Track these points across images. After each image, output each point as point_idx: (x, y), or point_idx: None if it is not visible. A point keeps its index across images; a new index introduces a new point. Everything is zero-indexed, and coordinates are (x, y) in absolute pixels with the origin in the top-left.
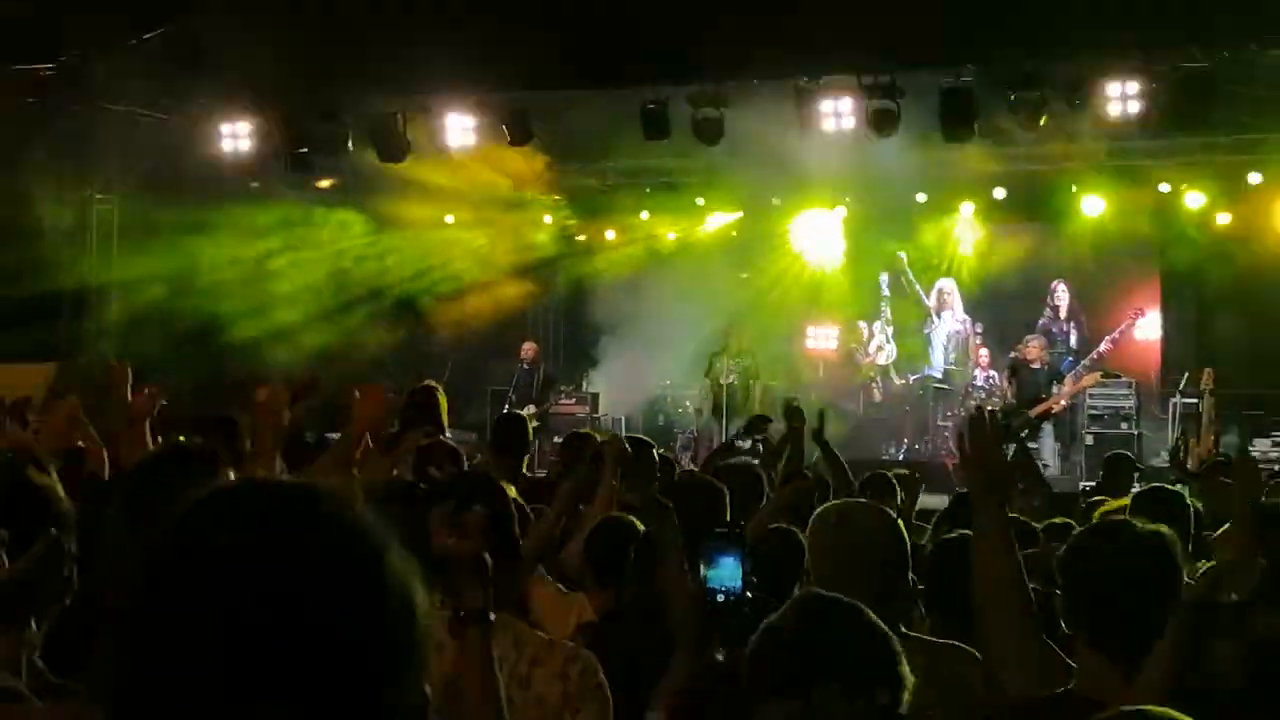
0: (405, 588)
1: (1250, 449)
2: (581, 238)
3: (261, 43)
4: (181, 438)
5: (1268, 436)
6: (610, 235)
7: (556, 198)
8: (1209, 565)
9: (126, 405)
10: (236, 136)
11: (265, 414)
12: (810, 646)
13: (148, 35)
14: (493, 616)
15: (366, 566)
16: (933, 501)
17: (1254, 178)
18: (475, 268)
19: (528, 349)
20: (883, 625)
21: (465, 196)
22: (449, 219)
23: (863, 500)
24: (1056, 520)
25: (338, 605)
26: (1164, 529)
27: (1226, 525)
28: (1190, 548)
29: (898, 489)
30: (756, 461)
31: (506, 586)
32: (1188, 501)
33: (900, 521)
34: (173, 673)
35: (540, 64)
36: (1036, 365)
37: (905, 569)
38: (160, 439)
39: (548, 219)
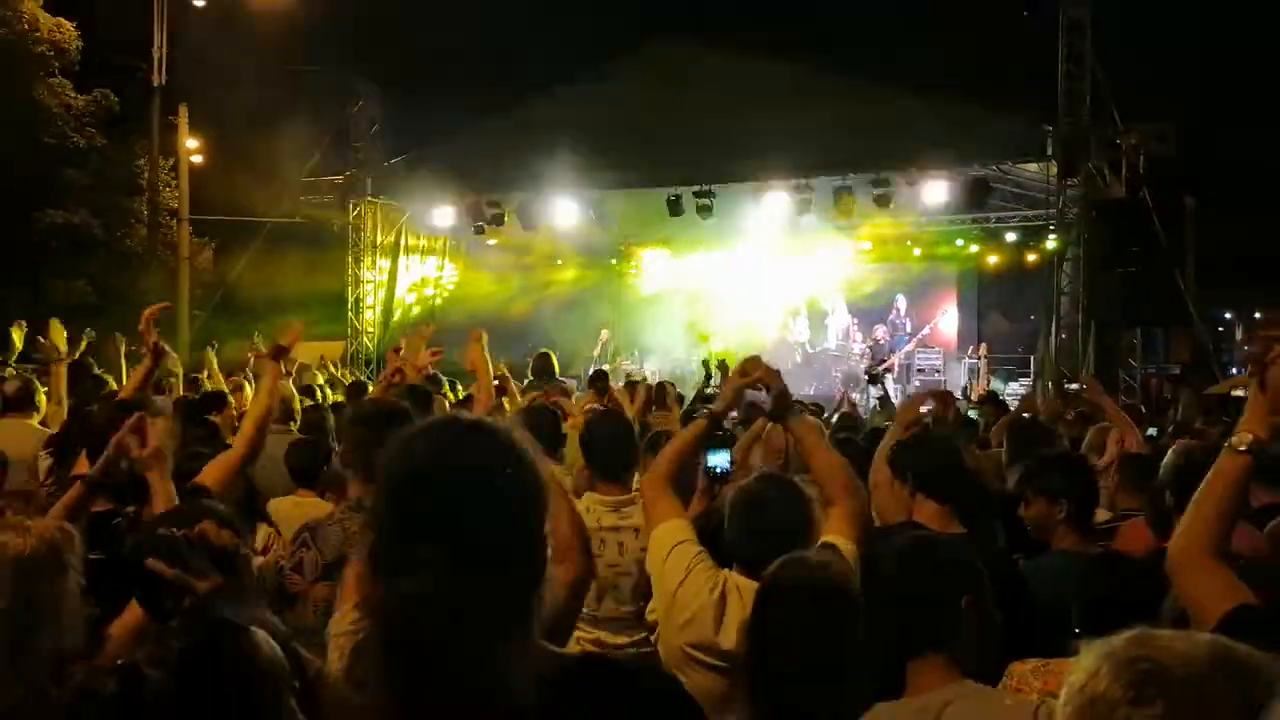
0: (534, 474)
1: (1006, 389)
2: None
3: (456, 164)
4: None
5: (1015, 381)
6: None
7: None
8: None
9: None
10: (445, 219)
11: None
12: (761, 500)
13: (394, 160)
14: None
15: (523, 460)
16: None
17: (1010, 236)
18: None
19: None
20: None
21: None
22: (558, 261)
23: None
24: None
25: (502, 483)
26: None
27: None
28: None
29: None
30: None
31: None
32: (975, 417)
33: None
34: (411, 529)
35: (610, 174)
36: (883, 342)
37: None
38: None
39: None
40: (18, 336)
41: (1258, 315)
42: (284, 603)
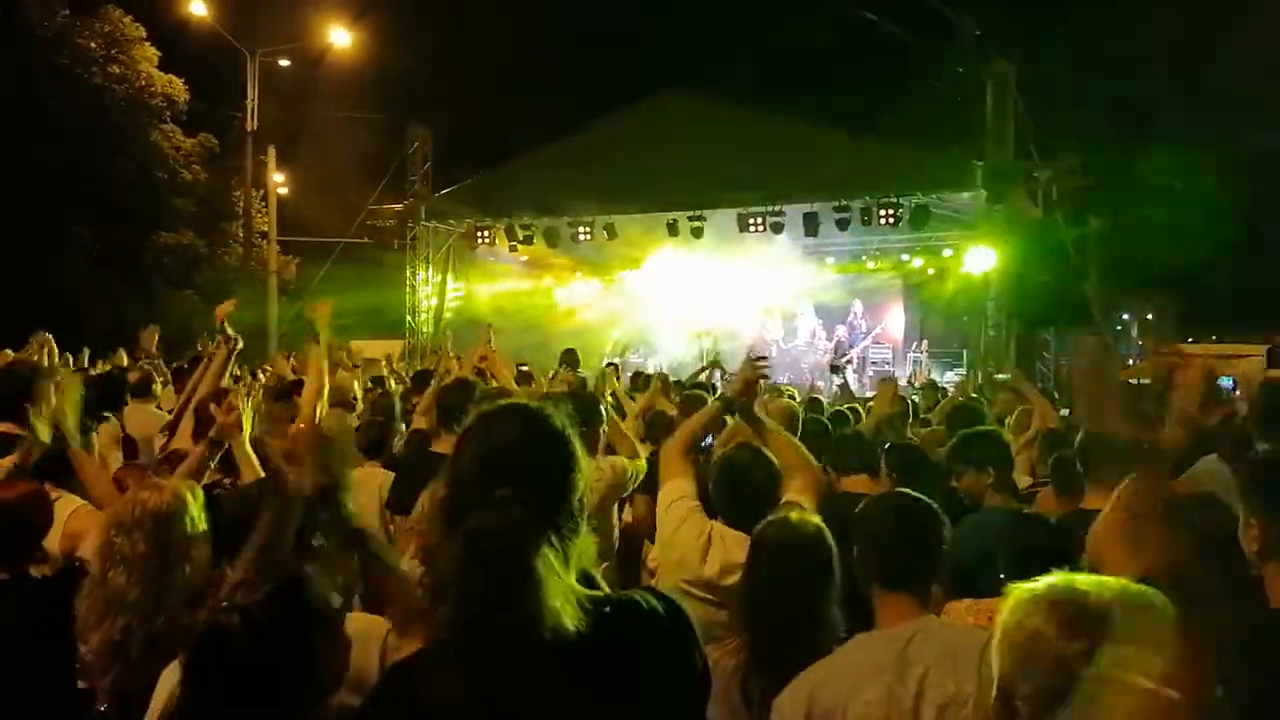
0: (576, 449)
1: (943, 378)
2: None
3: (495, 195)
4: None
5: (951, 370)
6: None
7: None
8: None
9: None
10: (485, 239)
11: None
12: (741, 465)
13: (443, 191)
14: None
15: (566, 436)
16: None
17: (946, 252)
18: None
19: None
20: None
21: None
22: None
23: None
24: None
25: (554, 450)
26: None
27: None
28: (910, 420)
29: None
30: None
31: None
32: (914, 400)
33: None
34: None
35: (620, 202)
36: (844, 340)
37: None
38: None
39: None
40: (146, 339)
41: (1149, 316)
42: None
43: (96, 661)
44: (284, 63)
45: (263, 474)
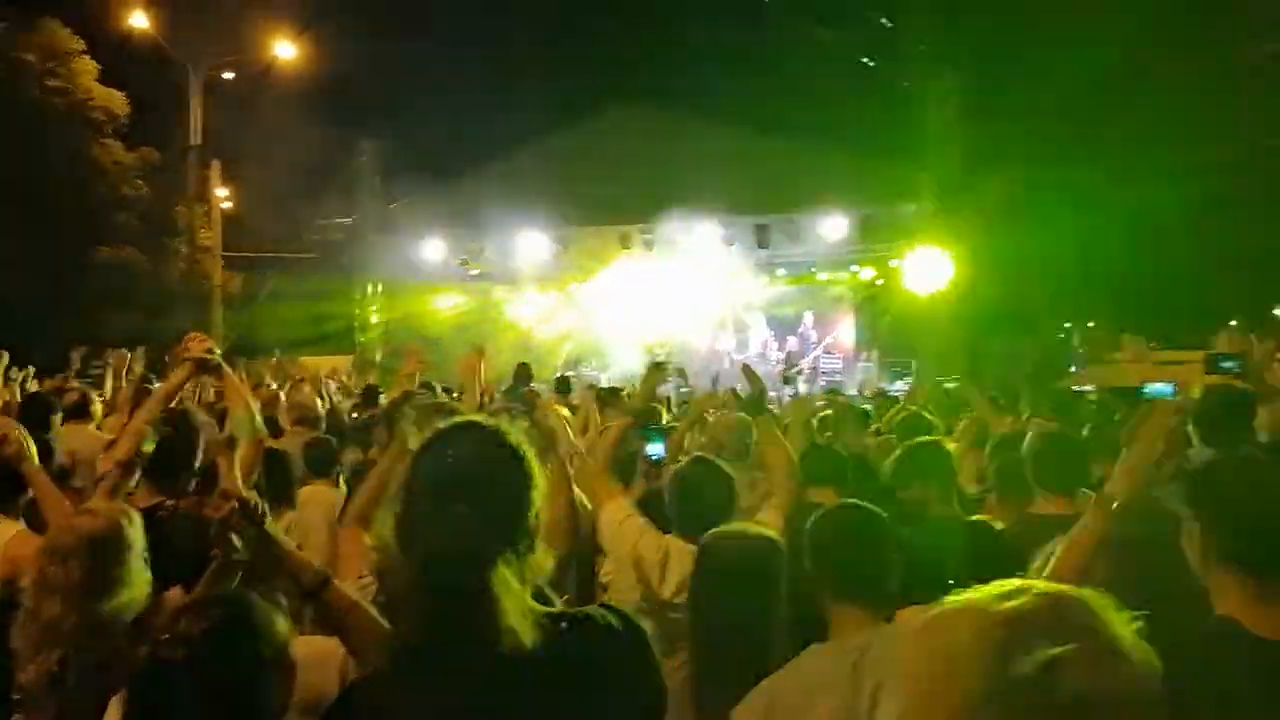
0: (531, 466)
1: (891, 386)
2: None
3: (444, 208)
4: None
5: (901, 379)
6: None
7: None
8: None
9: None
10: (435, 253)
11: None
12: (695, 479)
13: (393, 204)
14: None
15: (520, 452)
16: None
17: (894, 263)
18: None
19: None
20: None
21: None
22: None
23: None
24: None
25: (510, 467)
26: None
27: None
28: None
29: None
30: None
31: None
32: (867, 410)
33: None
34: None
35: (571, 213)
36: (795, 350)
37: None
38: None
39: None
40: (76, 357)
41: (1090, 324)
42: None
43: (35, 694)
44: (227, 75)
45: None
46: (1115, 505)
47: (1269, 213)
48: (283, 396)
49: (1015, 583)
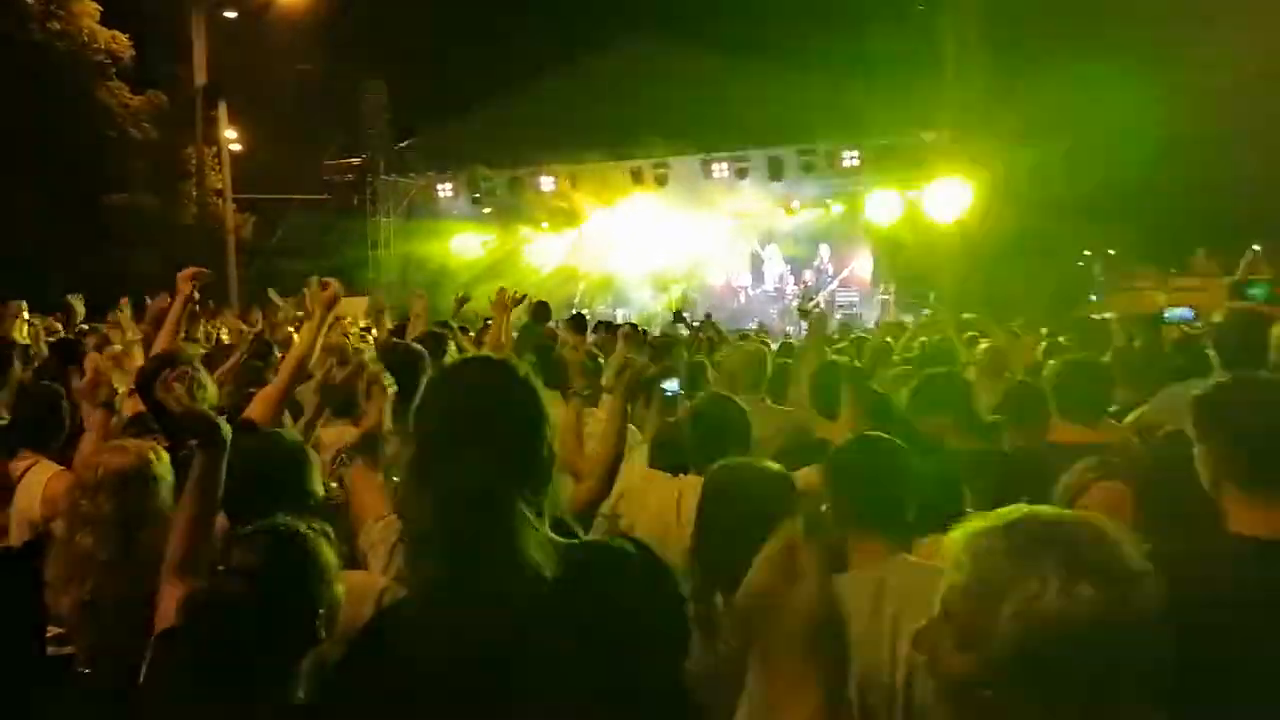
0: (539, 399)
1: (908, 318)
2: None
3: (454, 146)
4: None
5: (920, 312)
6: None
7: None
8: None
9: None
10: (446, 192)
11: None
12: (712, 413)
13: (402, 144)
14: None
15: (529, 386)
16: None
17: (911, 193)
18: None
19: None
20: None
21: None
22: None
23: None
24: None
25: (520, 402)
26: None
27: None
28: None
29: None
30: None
31: None
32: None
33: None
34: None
35: (582, 151)
36: (811, 284)
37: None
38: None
39: None
40: (78, 304)
41: (1110, 252)
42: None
43: (71, 625)
44: (229, 14)
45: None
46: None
47: None
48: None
49: (1023, 508)
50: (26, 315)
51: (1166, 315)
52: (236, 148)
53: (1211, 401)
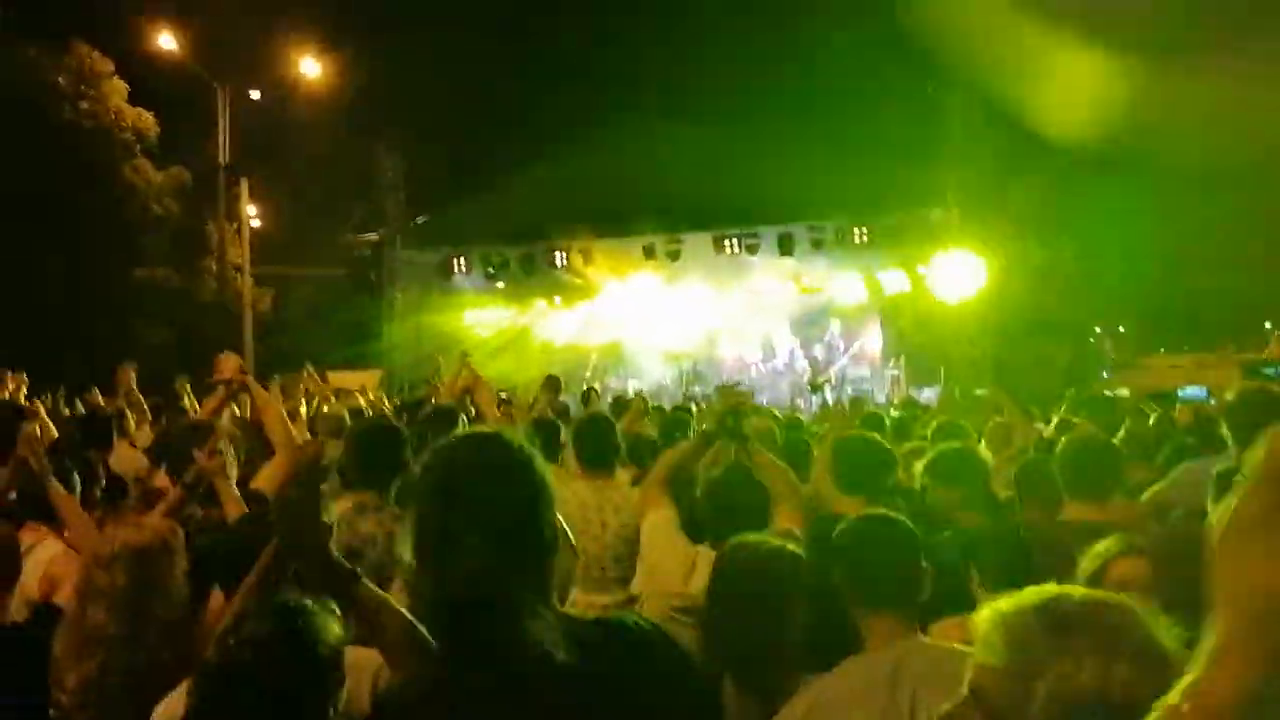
0: (542, 475)
1: (920, 394)
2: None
3: (469, 222)
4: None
5: (929, 387)
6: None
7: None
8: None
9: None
10: (461, 267)
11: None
12: (725, 490)
13: (418, 220)
14: None
15: (532, 463)
16: None
17: (920, 269)
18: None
19: None
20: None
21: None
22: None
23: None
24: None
25: (518, 479)
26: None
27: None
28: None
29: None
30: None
31: None
32: (894, 415)
33: None
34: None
35: (595, 225)
36: (821, 359)
37: None
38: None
39: None
40: (124, 377)
41: (1121, 329)
42: None
43: (74, 702)
44: (255, 94)
45: (246, 510)
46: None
47: None
48: (302, 411)
49: (1053, 588)
50: (25, 390)
51: (1181, 394)
52: (256, 223)
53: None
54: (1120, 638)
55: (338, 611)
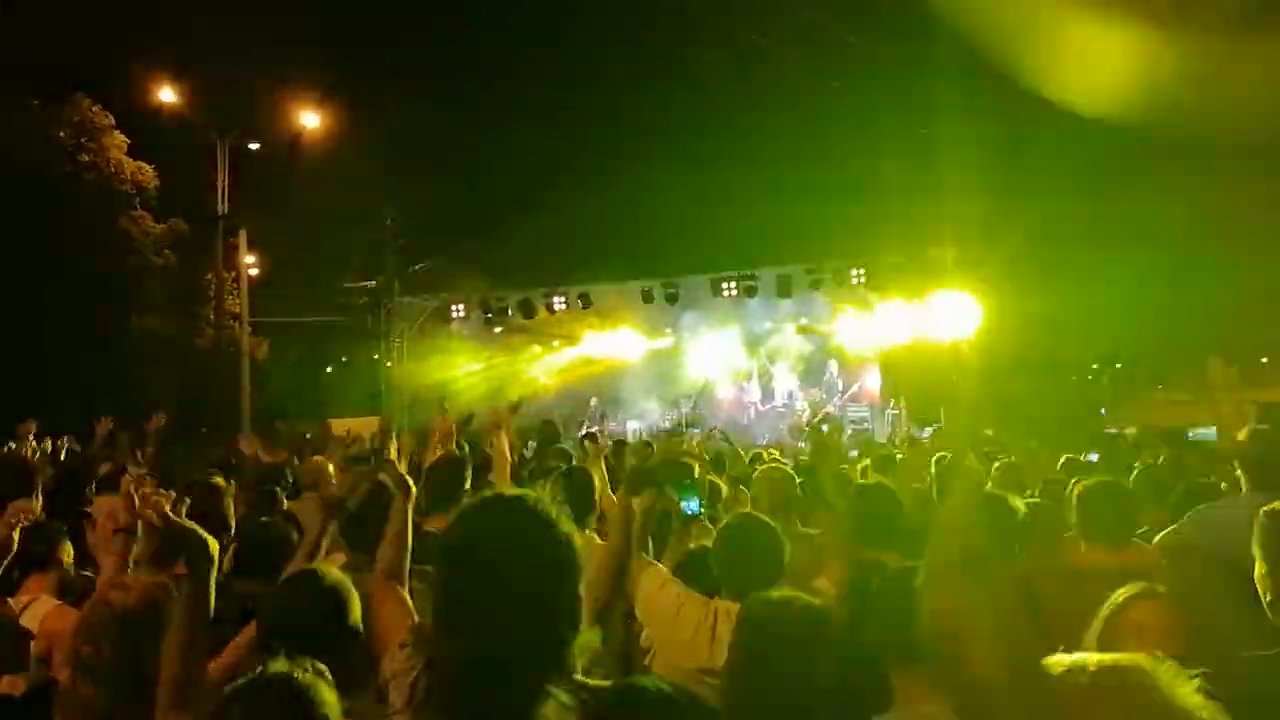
0: (568, 542)
1: (921, 433)
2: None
3: (467, 268)
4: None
5: (929, 427)
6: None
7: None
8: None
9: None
10: (459, 313)
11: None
12: (744, 536)
13: (416, 267)
14: None
15: (555, 529)
16: None
17: (918, 309)
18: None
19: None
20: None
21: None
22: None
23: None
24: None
25: (542, 548)
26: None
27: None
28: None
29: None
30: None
31: None
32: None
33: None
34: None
35: (593, 272)
36: (820, 400)
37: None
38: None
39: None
40: (104, 428)
41: (1118, 365)
42: None
43: None
44: (254, 146)
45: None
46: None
47: None
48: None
49: (1070, 658)
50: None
51: (1190, 434)
52: (254, 272)
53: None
54: (1144, 705)
55: (328, 676)
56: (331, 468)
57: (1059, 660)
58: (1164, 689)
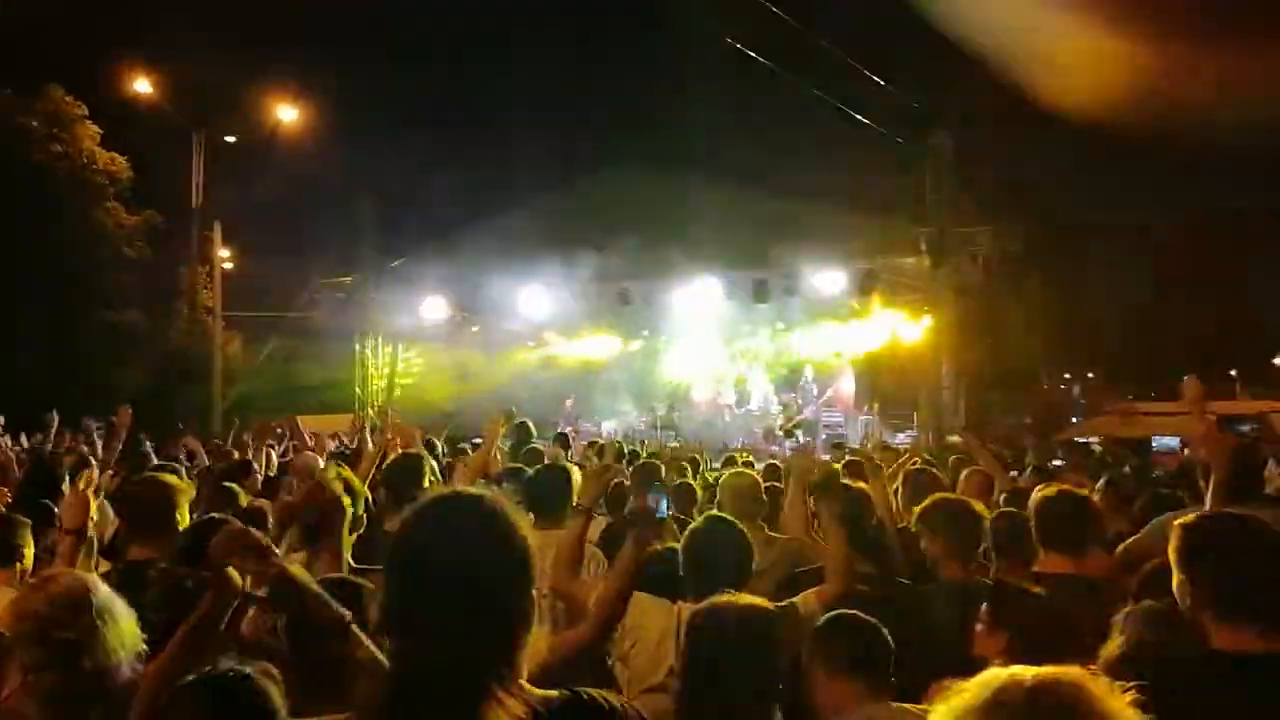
0: (522, 543)
1: (894, 439)
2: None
3: (443, 265)
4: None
5: (903, 433)
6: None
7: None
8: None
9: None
10: (435, 309)
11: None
12: (709, 538)
13: (393, 264)
14: None
15: (510, 530)
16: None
17: (893, 316)
18: None
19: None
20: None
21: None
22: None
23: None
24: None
25: (497, 548)
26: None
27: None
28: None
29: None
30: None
31: None
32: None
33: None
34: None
35: (570, 271)
36: (795, 404)
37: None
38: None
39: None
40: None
41: (1089, 375)
42: None
43: None
44: (230, 139)
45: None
46: None
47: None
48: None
49: (1004, 673)
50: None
51: (1155, 444)
52: (229, 266)
53: (1195, 533)
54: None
55: (276, 674)
56: (322, 462)
57: (998, 674)
58: (1100, 702)
